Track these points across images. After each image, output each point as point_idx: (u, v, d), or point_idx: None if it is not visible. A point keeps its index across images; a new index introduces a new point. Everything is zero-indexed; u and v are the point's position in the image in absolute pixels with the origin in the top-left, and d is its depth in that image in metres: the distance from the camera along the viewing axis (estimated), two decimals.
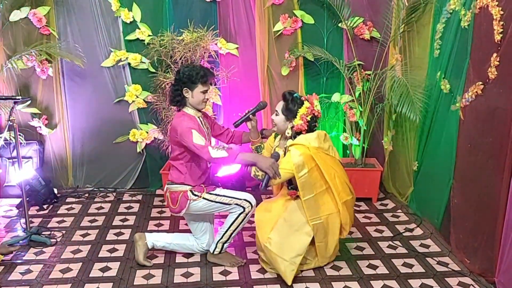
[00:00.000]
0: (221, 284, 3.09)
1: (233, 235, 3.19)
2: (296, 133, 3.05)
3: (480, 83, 3.03)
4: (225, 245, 3.24)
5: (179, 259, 3.40)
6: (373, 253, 3.49)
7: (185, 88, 3.02)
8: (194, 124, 3.00)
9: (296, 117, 3.03)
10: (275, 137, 3.31)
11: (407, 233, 3.79)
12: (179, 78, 3.02)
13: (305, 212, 3.01)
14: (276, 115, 3.09)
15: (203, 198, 3.10)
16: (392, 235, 3.77)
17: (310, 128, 3.05)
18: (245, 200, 3.10)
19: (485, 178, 3.02)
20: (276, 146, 3.24)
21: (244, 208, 3.10)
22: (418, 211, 4.10)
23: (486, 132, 3.01)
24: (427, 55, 3.95)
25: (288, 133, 3.08)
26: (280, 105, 3.10)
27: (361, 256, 3.44)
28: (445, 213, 3.58)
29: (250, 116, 3.19)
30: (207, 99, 3.10)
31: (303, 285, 3.06)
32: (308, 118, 3.00)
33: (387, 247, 3.57)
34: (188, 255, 3.44)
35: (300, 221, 3.04)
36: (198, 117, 3.13)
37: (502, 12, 2.81)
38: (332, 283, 3.08)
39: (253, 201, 3.13)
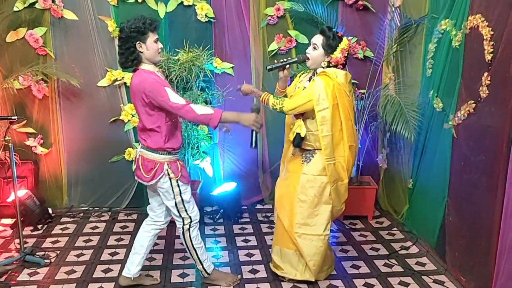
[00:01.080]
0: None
1: (198, 254, 3.13)
2: (329, 67, 3.05)
3: (472, 101, 3.07)
4: (205, 266, 3.19)
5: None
6: (369, 271, 3.48)
7: (138, 42, 2.79)
8: (163, 81, 2.83)
9: (335, 51, 3.01)
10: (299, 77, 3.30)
11: (403, 251, 3.79)
12: (128, 34, 2.79)
13: (322, 151, 3.01)
14: (315, 49, 3.04)
15: (172, 180, 2.94)
16: (388, 253, 3.77)
17: (343, 65, 3.07)
18: (189, 216, 3.04)
19: (479, 195, 3.04)
20: (299, 82, 3.22)
21: (183, 222, 3.05)
22: (413, 229, 4.10)
23: (479, 150, 3.04)
24: (420, 74, 4.01)
25: (323, 65, 3.05)
26: (318, 40, 3.04)
27: (357, 275, 3.43)
28: (440, 230, 3.59)
29: (287, 66, 3.10)
30: (161, 48, 2.92)
31: None
32: (346, 54, 3.01)
33: (383, 265, 3.56)
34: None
35: (314, 195, 3.07)
36: (157, 72, 2.92)
37: (492, 33, 2.87)
38: None
39: (194, 220, 3.07)
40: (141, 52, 2.83)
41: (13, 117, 3.55)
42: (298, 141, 3.04)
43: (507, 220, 2.72)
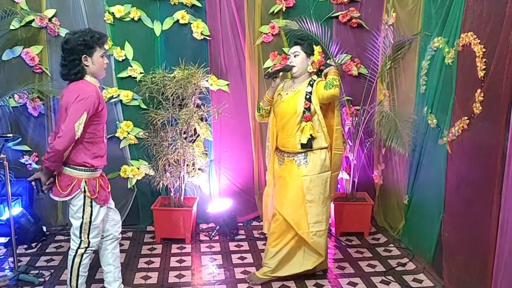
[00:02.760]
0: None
1: (79, 282, 2.91)
2: (318, 70, 3.25)
3: (466, 118, 3.09)
4: None
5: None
6: None
7: (84, 56, 2.74)
8: (91, 104, 2.71)
9: (313, 54, 3.31)
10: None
11: (400, 268, 3.77)
12: (73, 47, 2.72)
13: (334, 141, 3.30)
14: (296, 55, 3.19)
15: (86, 198, 2.83)
16: (385, 270, 3.75)
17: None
18: (89, 241, 2.89)
19: (475, 211, 3.05)
20: (281, 90, 3.39)
21: (79, 244, 2.89)
22: (410, 245, 4.09)
23: (474, 165, 3.06)
24: (414, 90, 4.04)
25: (310, 69, 3.27)
26: (297, 48, 3.23)
27: None
28: (437, 247, 3.58)
29: (280, 74, 3.23)
30: (107, 63, 2.88)
31: None
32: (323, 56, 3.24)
33: (380, 282, 3.54)
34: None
35: (320, 192, 3.25)
36: (98, 87, 2.86)
37: (484, 50, 2.91)
38: None
39: (91, 247, 2.92)
40: (86, 66, 2.79)
41: (8, 135, 3.55)
42: (311, 142, 3.20)
43: (503, 235, 2.72)
